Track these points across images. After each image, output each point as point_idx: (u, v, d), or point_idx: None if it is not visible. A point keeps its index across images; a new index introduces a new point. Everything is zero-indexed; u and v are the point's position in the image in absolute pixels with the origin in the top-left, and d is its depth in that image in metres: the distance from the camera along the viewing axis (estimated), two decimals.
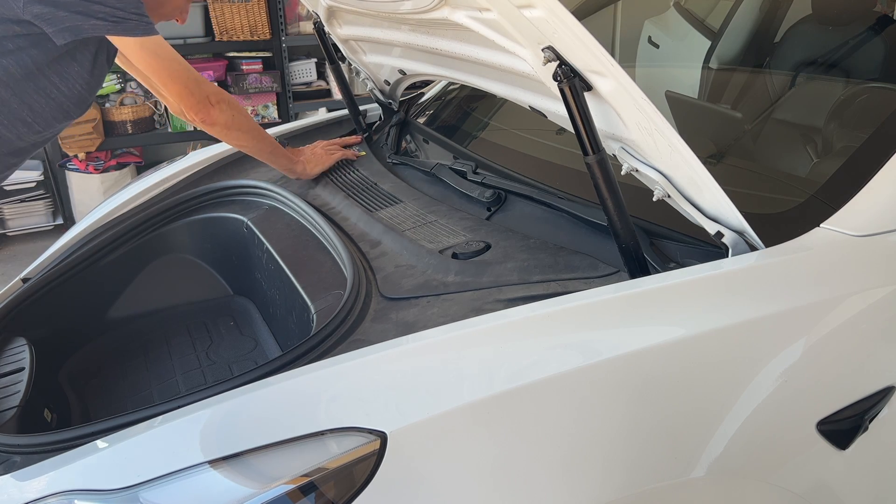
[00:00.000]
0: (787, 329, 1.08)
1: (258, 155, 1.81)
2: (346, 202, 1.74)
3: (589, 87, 1.11)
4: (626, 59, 2.42)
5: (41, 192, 4.29)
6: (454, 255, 1.38)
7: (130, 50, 1.45)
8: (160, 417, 1.03)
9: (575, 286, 1.19)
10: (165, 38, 1.51)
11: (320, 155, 1.94)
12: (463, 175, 1.67)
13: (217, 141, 1.86)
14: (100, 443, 1.03)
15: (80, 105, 1.55)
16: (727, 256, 1.14)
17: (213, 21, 4.19)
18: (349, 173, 1.91)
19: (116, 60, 1.63)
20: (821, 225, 1.16)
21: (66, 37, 1.38)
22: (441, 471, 0.93)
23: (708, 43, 2.40)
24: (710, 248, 1.18)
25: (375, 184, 1.81)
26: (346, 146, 2.04)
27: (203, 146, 2.71)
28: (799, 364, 1.08)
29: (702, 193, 1.13)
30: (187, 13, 1.70)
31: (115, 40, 1.43)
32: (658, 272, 1.18)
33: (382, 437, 0.91)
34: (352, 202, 1.73)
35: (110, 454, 1.01)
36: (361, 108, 2.26)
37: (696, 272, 1.11)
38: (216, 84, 4.33)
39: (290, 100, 4.53)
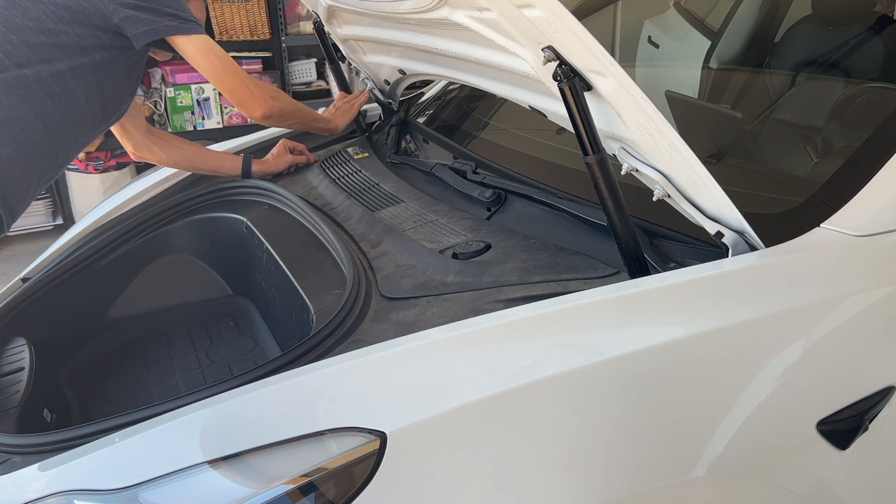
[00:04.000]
0: (787, 329, 1.08)
1: (304, 128, 1.99)
2: (348, 202, 1.74)
3: (589, 87, 1.10)
4: (626, 59, 2.42)
5: (41, 192, 4.29)
6: (454, 255, 1.38)
7: (193, 49, 1.58)
8: (160, 417, 1.03)
9: (575, 286, 1.19)
10: None
11: (343, 108, 2.13)
12: (463, 175, 1.67)
13: (216, 141, 1.87)
14: (100, 443, 1.03)
15: (119, 115, 1.70)
16: (727, 256, 1.14)
17: (213, 21, 4.19)
18: (351, 173, 1.91)
19: None
20: (821, 225, 1.16)
21: (146, 38, 1.53)
22: (441, 471, 0.93)
23: (708, 43, 2.40)
24: (710, 248, 1.18)
25: (377, 184, 1.81)
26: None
27: (203, 146, 2.71)
28: (799, 364, 1.08)
29: (702, 193, 1.13)
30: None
31: (177, 40, 1.56)
32: (658, 272, 1.18)
33: (382, 437, 0.91)
34: (353, 202, 1.73)
35: (110, 454, 1.01)
36: (361, 108, 2.26)
37: (696, 272, 1.11)
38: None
39: None
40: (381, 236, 1.54)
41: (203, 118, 4.29)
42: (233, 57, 5.08)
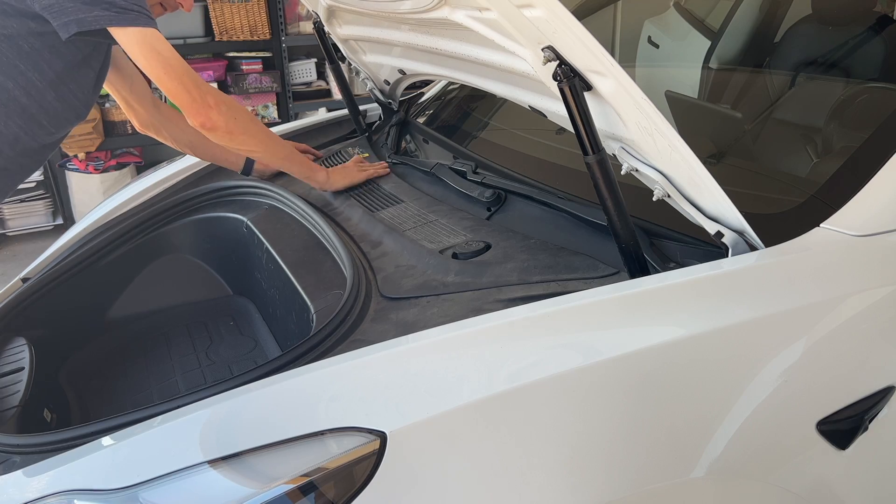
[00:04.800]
0: (787, 329, 1.08)
1: (270, 162, 1.76)
2: (348, 202, 1.74)
3: (589, 87, 1.11)
4: (626, 59, 2.42)
5: (41, 192, 4.30)
6: (454, 256, 1.38)
7: (130, 43, 1.40)
8: (160, 417, 1.03)
9: (575, 286, 1.19)
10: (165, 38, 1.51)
11: (350, 168, 1.85)
12: (463, 175, 1.67)
13: None
14: (99, 443, 1.03)
15: (89, 108, 1.58)
16: (727, 256, 1.14)
17: (213, 21, 4.19)
18: None
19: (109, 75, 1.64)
20: (821, 225, 1.16)
21: (71, 29, 1.36)
22: (441, 471, 0.93)
23: (708, 43, 2.40)
24: (710, 248, 1.18)
25: (377, 184, 1.81)
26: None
27: None
28: (799, 364, 1.08)
29: (702, 193, 1.14)
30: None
31: (115, 33, 1.39)
32: (658, 272, 1.18)
33: (382, 437, 0.91)
34: (353, 202, 1.73)
35: (110, 454, 1.01)
36: (361, 108, 2.27)
37: (696, 272, 1.11)
38: (217, 85, 4.31)
39: (290, 100, 4.53)
40: (382, 236, 1.54)
41: None
42: (233, 57, 5.00)
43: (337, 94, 4.58)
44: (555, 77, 1.09)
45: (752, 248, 1.14)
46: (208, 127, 1.49)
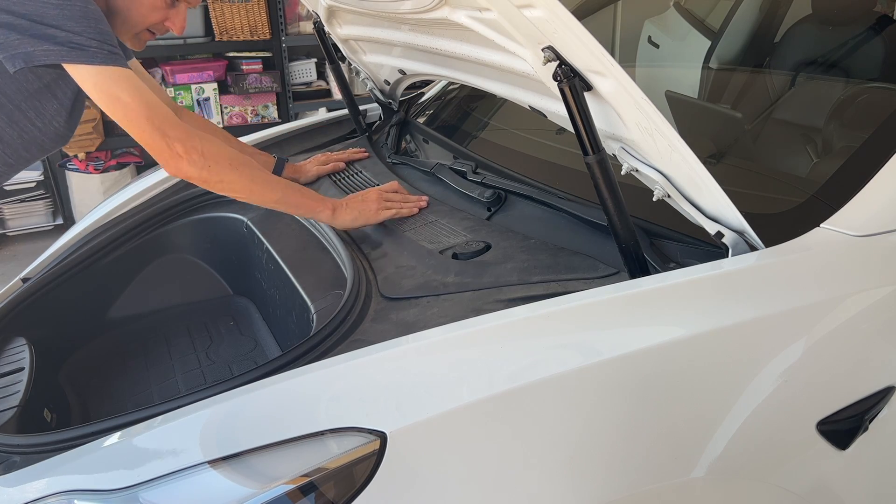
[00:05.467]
0: (787, 329, 1.08)
1: (263, 204, 1.52)
2: None
3: (589, 87, 1.11)
4: (626, 59, 2.42)
5: (41, 192, 4.30)
6: (454, 256, 1.38)
7: (85, 82, 1.29)
8: (160, 417, 1.03)
9: (575, 287, 1.19)
10: (164, 38, 1.42)
11: (368, 204, 1.56)
12: (463, 175, 1.67)
13: None
14: (99, 443, 1.03)
15: (58, 141, 1.48)
16: (727, 256, 1.14)
17: (213, 21, 4.19)
18: (351, 175, 1.91)
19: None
20: (821, 225, 1.16)
21: (18, 63, 1.25)
22: (441, 471, 0.93)
23: (708, 43, 2.40)
24: (710, 248, 1.18)
25: (377, 184, 1.81)
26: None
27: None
28: (799, 364, 1.08)
29: (702, 193, 1.14)
30: (178, 20, 1.48)
31: (69, 70, 1.28)
32: (658, 272, 1.18)
33: (382, 437, 0.91)
34: None
35: (110, 454, 1.01)
36: (361, 108, 2.27)
37: (696, 272, 1.11)
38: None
39: (290, 100, 4.53)
40: (382, 237, 1.54)
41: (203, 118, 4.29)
42: (233, 57, 4.98)
43: (337, 94, 4.58)
44: (555, 77, 1.09)
45: (753, 248, 1.14)
46: (181, 176, 1.37)
